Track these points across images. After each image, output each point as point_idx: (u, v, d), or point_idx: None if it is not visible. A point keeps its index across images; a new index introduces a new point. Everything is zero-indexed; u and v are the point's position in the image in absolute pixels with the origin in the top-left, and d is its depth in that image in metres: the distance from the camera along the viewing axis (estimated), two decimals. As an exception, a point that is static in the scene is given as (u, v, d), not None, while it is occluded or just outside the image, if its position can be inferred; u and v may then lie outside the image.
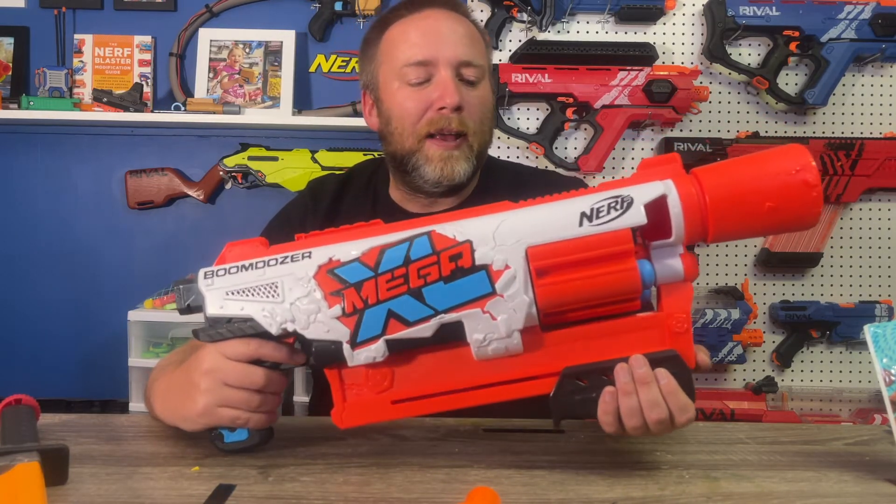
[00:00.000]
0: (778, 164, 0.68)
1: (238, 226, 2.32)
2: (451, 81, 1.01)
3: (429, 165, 1.03)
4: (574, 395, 0.70)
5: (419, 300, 0.69)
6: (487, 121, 1.07)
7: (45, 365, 2.35)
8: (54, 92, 2.23)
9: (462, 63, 1.02)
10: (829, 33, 2.06)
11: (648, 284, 0.69)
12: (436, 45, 1.02)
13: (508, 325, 0.69)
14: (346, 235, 0.74)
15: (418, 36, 1.03)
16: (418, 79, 1.02)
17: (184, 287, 0.76)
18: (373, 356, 0.71)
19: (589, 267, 0.68)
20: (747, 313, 2.06)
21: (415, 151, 1.03)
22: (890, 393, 0.72)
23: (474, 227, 0.70)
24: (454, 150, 1.03)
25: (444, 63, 1.01)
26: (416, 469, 0.74)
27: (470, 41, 1.04)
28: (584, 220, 0.68)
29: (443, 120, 1.01)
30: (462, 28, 1.05)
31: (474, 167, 1.05)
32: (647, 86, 2.03)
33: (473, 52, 1.04)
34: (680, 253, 0.70)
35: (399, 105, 1.04)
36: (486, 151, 1.09)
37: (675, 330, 0.70)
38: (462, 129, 1.02)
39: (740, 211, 0.68)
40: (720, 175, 0.69)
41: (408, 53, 1.03)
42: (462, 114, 1.02)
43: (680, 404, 0.69)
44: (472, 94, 1.03)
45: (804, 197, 0.67)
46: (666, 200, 0.68)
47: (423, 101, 1.02)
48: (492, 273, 0.68)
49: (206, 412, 0.76)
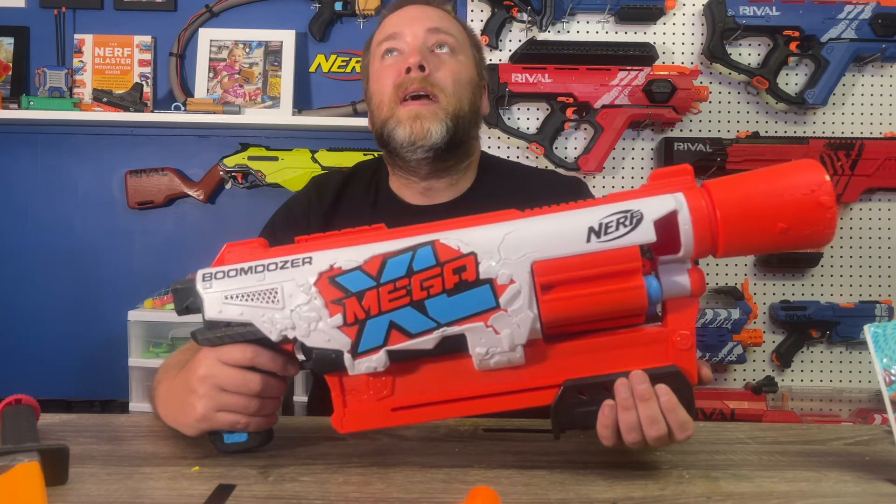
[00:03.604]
0: (792, 180, 0.66)
1: (238, 226, 2.32)
2: (414, 43, 1.06)
3: (400, 127, 1.04)
4: (575, 408, 0.70)
5: (422, 312, 0.69)
6: (464, 91, 1.07)
7: (45, 365, 2.35)
8: (54, 92, 2.23)
9: (430, 30, 1.06)
10: (829, 33, 2.06)
11: (655, 301, 0.68)
12: (407, 20, 1.08)
13: (512, 340, 0.68)
14: (348, 240, 0.72)
15: (392, 20, 1.10)
16: (391, 52, 1.07)
17: (182, 289, 0.75)
18: (374, 366, 0.70)
19: (595, 284, 0.67)
20: (747, 313, 2.06)
21: (389, 118, 1.06)
22: (890, 393, 0.72)
23: (479, 237, 0.69)
24: (422, 109, 1.04)
25: (410, 32, 1.07)
26: (416, 469, 0.74)
27: (440, 17, 1.09)
28: (591, 236, 0.67)
29: (407, 81, 1.04)
30: (436, 13, 1.10)
31: (449, 129, 1.04)
32: (647, 86, 2.03)
33: (444, 24, 1.08)
34: (688, 269, 0.69)
35: (376, 80, 1.09)
36: (465, 120, 1.07)
37: (678, 346, 0.69)
38: (426, 87, 1.04)
39: (751, 228, 0.66)
40: (732, 190, 0.67)
41: (381, 35, 1.10)
42: (428, 75, 1.04)
43: (679, 421, 0.68)
44: (442, 59, 1.07)
45: (818, 218, 0.65)
46: (676, 216, 0.66)
47: (395, 70, 1.06)
48: (496, 287, 0.68)
49: (204, 417, 0.76)
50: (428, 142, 1.03)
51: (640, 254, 0.66)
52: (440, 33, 1.07)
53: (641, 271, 0.67)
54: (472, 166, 1.14)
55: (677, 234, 0.67)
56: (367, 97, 1.14)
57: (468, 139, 1.10)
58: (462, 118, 1.06)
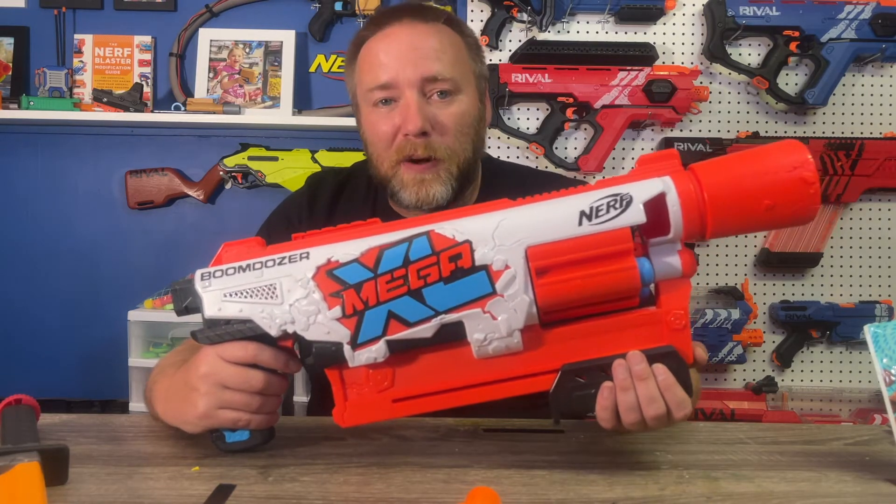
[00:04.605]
0: (776, 160, 0.68)
1: (238, 226, 2.32)
2: (413, 105, 0.97)
3: (405, 191, 1.01)
4: (573, 392, 0.70)
5: (419, 301, 0.69)
6: (467, 135, 1.02)
7: (45, 365, 2.35)
8: (54, 92, 2.23)
9: (426, 80, 0.98)
10: (829, 33, 2.06)
11: (647, 282, 0.70)
12: (398, 65, 0.98)
13: (509, 325, 0.69)
14: (344, 235, 0.73)
15: (382, 57, 1.00)
16: (385, 101, 1.00)
17: (181, 288, 0.75)
18: (374, 357, 0.71)
19: (588, 266, 0.68)
20: (747, 313, 2.06)
21: (391, 177, 1.02)
22: (890, 393, 0.72)
23: (473, 226, 0.70)
24: (426, 174, 1.00)
25: (406, 84, 0.98)
26: (416, 469, 0.74)
27: (437, 53, 0.99)
28: (583, 220, 0.68)
29: (409, 146, 0.99)
30: (429, 41, 1.00)
31: (453, 188, 1.01)
32: (647, 86, 2.03)
33: (441, 65, 0.99)
34: (678, 250, 0.70)
35: (371, 128, 1.03)
36: (470, 168, 1.04)
37: (673, 326, 0.70)
38: (429, 154, 0.99)
39: (738, 208, 0.68)
40: (718, 172, 0.69)
41: (372, 76, 1.00)
42: (430, 138, 0.99)
43: (677, 400, 0.69)
44: (443, 112, 1.00)
45: (802, 194, 0.68)
46: (665, 198, 0.68)
47: (391, 123, 1.00)
48: (492, 273, 0.69)
49: (206, 415, 0.76)
50: (433, 204, 1.00)
51: (631, 235, 0.68)
52: (437, 81, 0.98)
53: (633, 253, 0.68)
54: (477, 180, 1.12)
55: (666, 215, 0.68)
56: (360, 130, 1.08)
57: (472, 177, 1.07)
58: (466, 165, 1.03)
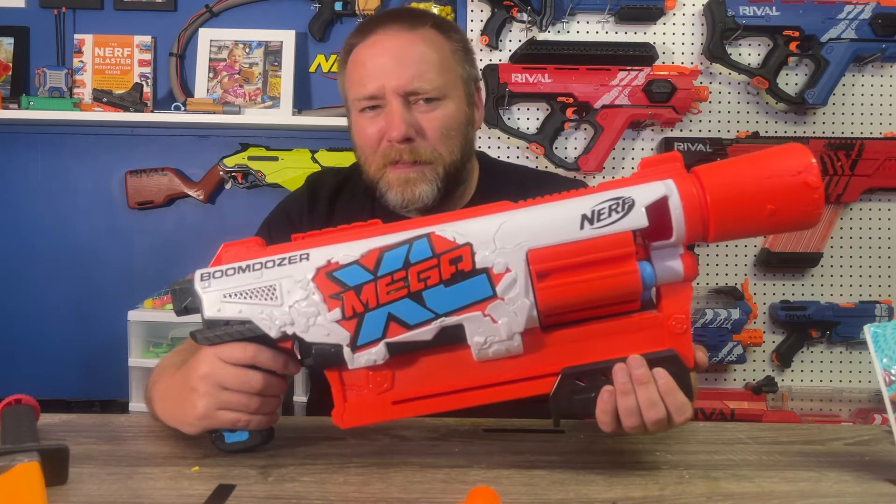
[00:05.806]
0: (779, 164, 0.68)
1: (238, 226, 2.31)
2: (397, 112, 0.99)
3: (391, 192, 1.03)
4: (573, 395, 0.70)
5: (419, 304, 0.69)
6: (454, 139, 1.03)
7: (45, 365, 2.35)
8: (54, 92, 2.23)
9: (409, 92, 1.00)
10: (829, 33, 2.06)
11: (649, 286, 0.69)
12: (383, 76, 1.00)
13: (509, 328, 0.69)
14: (344, 236, 0.73)
15: (368, 66, 1.02)
16: (371, 107, 1.02)
17: (180, 289, 0.75)
18: (373, 359, 0.71)
19: (590, 270, 0.67)
20: (747, 313, 2.06)
21: (378, 179, 1.04)
22: (890, 393, 0.72)
23: (474, 228, 0.70)
24: (411, 173, 1.02)
25: (390, 93, 1.00)
26: (416, 469, 0.74)
27: (422, 62, 1.00)
28: (584, 223, 0.68)
29: (394, 151, 1.01)
30: (414, 49, 1.01)
31: (440, 188, 1.03)
32: (647, 86, 2.03)
33: (425, 76, 1.00)
34: (680, 253, 0.70)
35: (360, 132, 1.05)
36: (458, 170, 1.05)
37: (674, 330, 0.70)
38: (414, 158, 1.01)
39: (741, 212, 0.68)
40: (721, 175, 0.68)
41: (359, 86, 1.03)
42: (414, 143, 1.00)
43: (678, 404, 0.69)
44: (427, 118, 1.01)
45: (806, 199, 0.67)
46: (667, 202, 0.67)
47: (377, 128, 1.02)
48: (492, 276, 0.68)
49: (205, 415, 0.76)
50: (419, 203, 1.02)
51: (633, 239, 0.68)
52: (421, 92, 1.00)
53: (635, 256, 0.68)
54: (472, 181, 1.13)
55: (669, 219, 0.68)
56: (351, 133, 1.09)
57: (462, 179, 1.08)
58: (453, 167, 1.04)
